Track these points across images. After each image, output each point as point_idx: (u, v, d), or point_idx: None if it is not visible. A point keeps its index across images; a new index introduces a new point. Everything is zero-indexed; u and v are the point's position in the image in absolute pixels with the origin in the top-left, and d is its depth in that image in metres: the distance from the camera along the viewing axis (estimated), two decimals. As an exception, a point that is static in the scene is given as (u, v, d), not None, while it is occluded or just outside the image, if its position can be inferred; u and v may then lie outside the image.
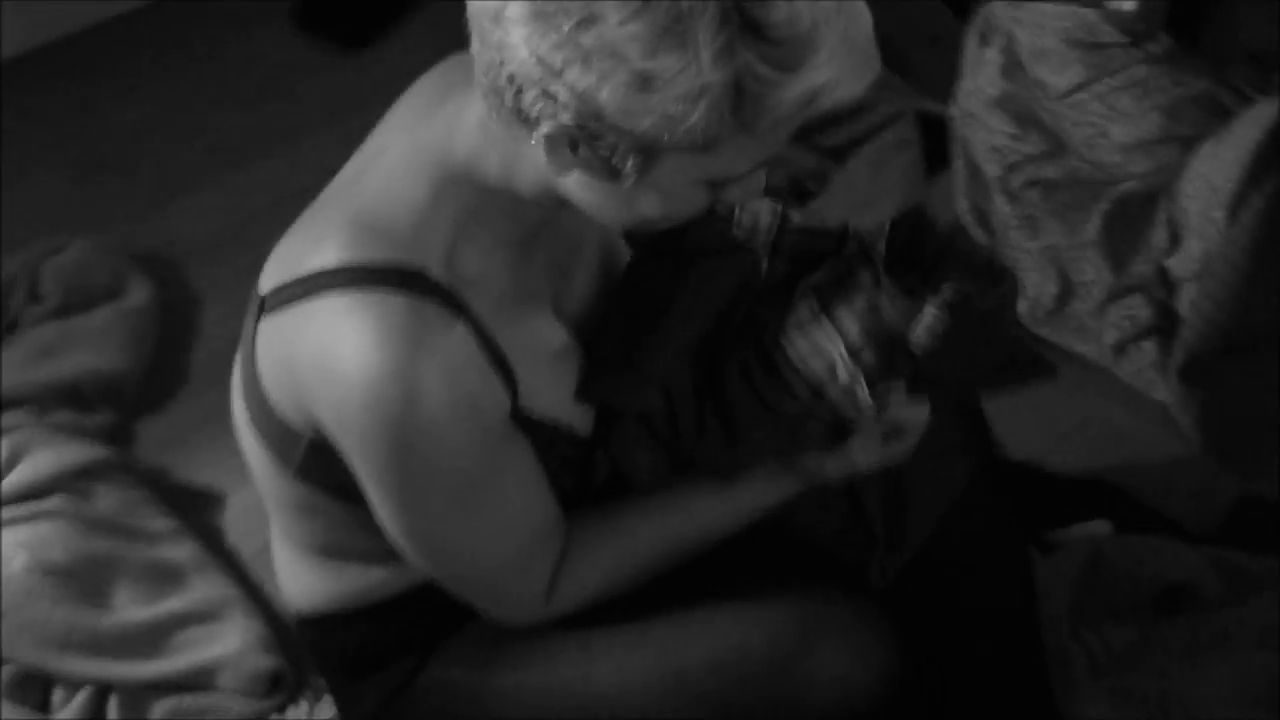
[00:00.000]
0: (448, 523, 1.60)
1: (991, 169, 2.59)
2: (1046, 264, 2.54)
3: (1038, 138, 2.57)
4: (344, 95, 1.68)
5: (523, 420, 1.58)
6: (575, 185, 1.48)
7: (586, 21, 1.34)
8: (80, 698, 2.14)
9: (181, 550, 2.29)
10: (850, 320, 1.57)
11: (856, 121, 2.83)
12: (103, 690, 2.16)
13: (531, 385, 1.58)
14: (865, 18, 1.40)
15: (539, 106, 1.39)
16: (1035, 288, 2.55)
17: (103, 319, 2.60)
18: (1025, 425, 2.40)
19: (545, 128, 1.40)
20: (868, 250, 1.59)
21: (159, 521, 2.33)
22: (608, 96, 1.36)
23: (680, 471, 1.67)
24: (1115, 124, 2.53)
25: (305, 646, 1.91)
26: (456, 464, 1.55)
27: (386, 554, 1.69)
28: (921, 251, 1.60)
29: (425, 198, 1.54)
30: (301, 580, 1.78)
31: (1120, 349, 2.50)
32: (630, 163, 1.42)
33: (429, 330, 1.50)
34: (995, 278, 1.59)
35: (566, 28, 1.34)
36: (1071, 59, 2.55)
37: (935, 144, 2.74)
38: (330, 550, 1.74)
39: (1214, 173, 2.41)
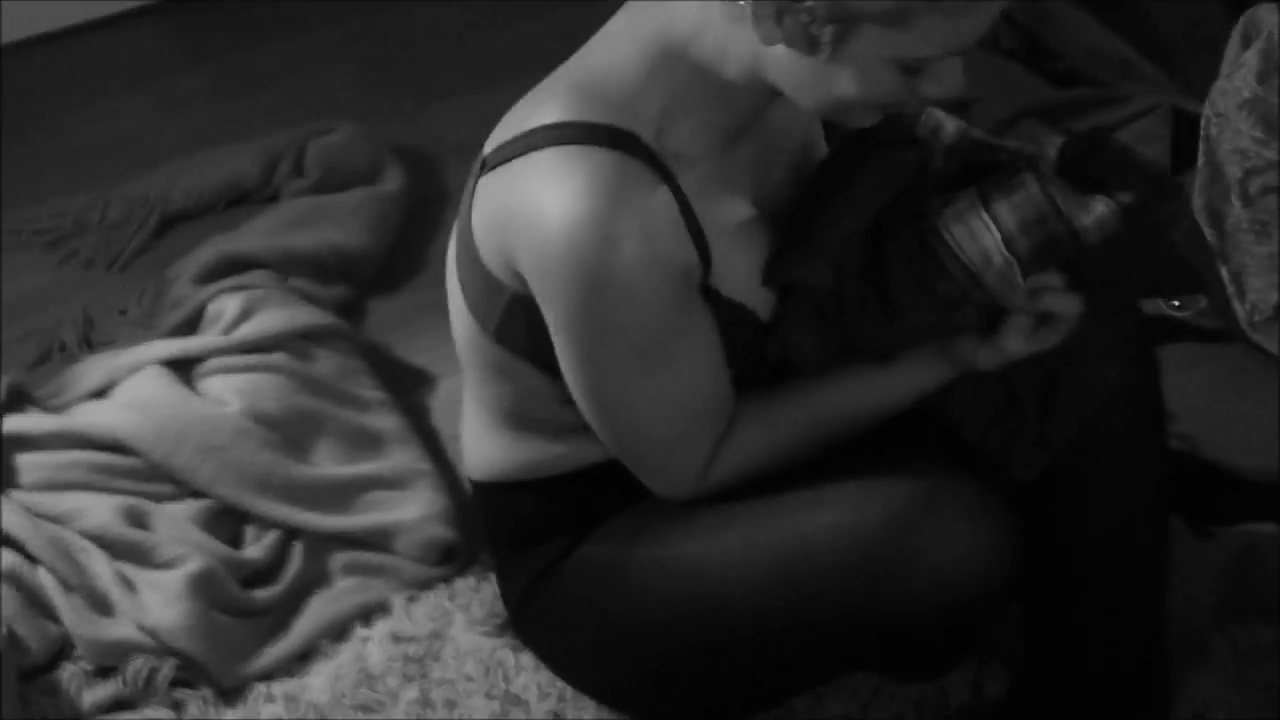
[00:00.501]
0: (626, 380, 1.70)
1: (1233, 171, 2.57)
2: (1272, 270, 2.53)
3: (1284, 145, 2.56)
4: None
5: (711, 297, 1.68)
6: (779, 62, 1.58)
7: None
8: (269, 538, 2.27)
9: (386, 420, 2.42)
10: (1009, 211, 1.65)
11: (1110, 111, 2.84)
12: (290, 534, 2.28)
13: (723, 264, 1.68)
14: None
15: None
16: (1257, 293, 2.54)
17: (355, 199, 2.73)
18: (1223, 427, 2.45)
19: None
20: (1039, 161, 1.65)
21: (370, 391, 2.45)
22: None
23: (842, 354, 1.75)
24: (1367, 142, 2.51)
25: (476, 512, 2.05)
26: (642, 320, 1.65)
27: (566, 429, 1.82)
28: (1095, 166, 1.65)
29: (643, 69, 1.65)
30: (483, 445, 1.92)
31: (1330, 365, 2.49)
32: (828, 32, 1.52)
33: (633, 187, 1.61)
34: (1169, 193, 1.64)
35: None
36: (1328, 69, 2.54)
37: (1188, 142, 2.74)
38: (514, 418, 1.86)
39: None
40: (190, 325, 2.53)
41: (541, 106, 1.67)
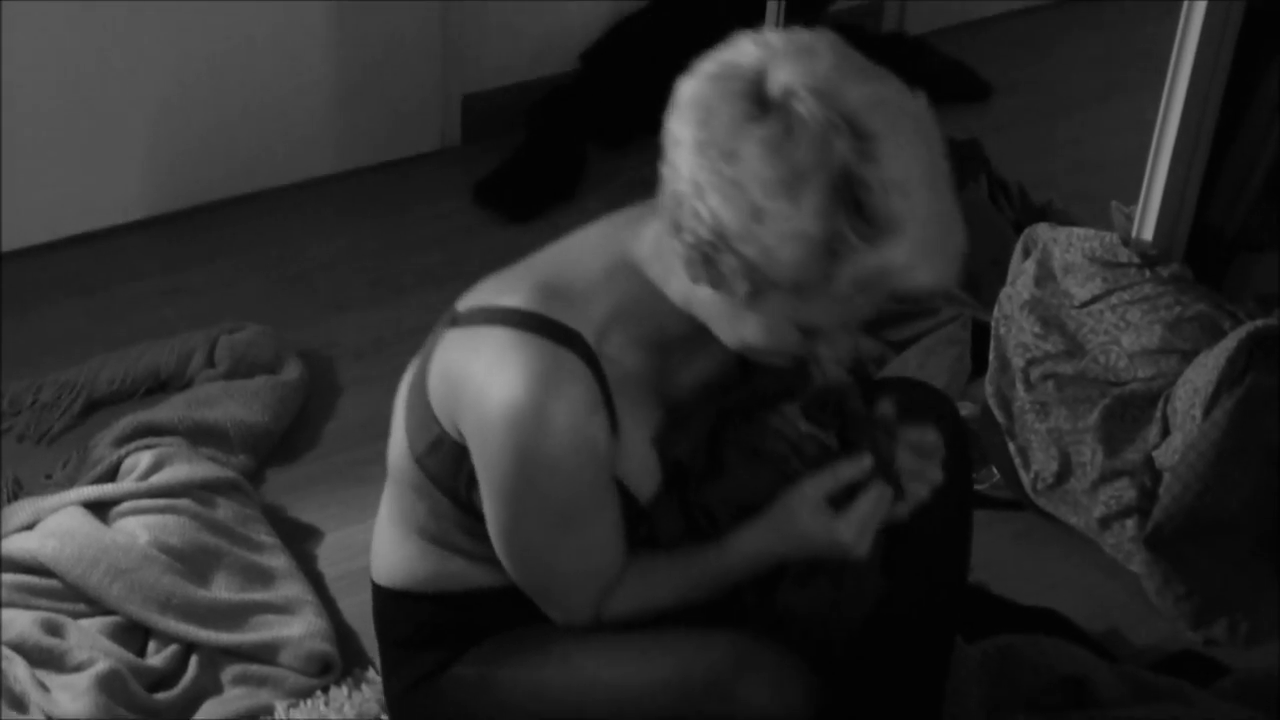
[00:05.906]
0: (542, 538, 1.93)
1: (1017, 361, 2.96)
2: (1051, 444, 2.89)
3: (1058, 339, 2.94)
4: (499, 255, 2.11)
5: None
6: (703, 299, 1.81)
7: (731, 157, 1.68)
8: (169, 650, 2.51)
9: (277, 560, 2.68)
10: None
11: (922, 322, 3.25)
12: (188, 648, 2.53)
13: (623, 451, 1.93)
14: (958, 229, 1.74)
15: (688, 221, 1.73)
16: (1039, 464, 2.89)
17: (258, 385, 3.01)
18: (1011, 579, 2.77)
19: (688, 238, 1.75)
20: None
21: (264, 536, 2.73)
22: (730, 219, 1.69)
23: (693, 538, 2.01)
24: (1125, 333, 2.90)
25: (374, 610, 2.21)
26: (564, 492, 1.88)
27: (465, 553, 2.03)
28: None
29: (601, 275, 1.89)
30: (391, 552, 2.12)
31: (1105, 524, 2.83)
32: (742, 285, 1.74)
33: (571, 379, 1.84)
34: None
35: (716, 158, 1.69)
36: (1093, 274, 2.94)
37: (985, 349, 3.12)
38: (422, 533, 2.06)
39: (1199, 378, 2.77)
40: (108, 476, 2.79)
41: (513, 290, 1.89)
